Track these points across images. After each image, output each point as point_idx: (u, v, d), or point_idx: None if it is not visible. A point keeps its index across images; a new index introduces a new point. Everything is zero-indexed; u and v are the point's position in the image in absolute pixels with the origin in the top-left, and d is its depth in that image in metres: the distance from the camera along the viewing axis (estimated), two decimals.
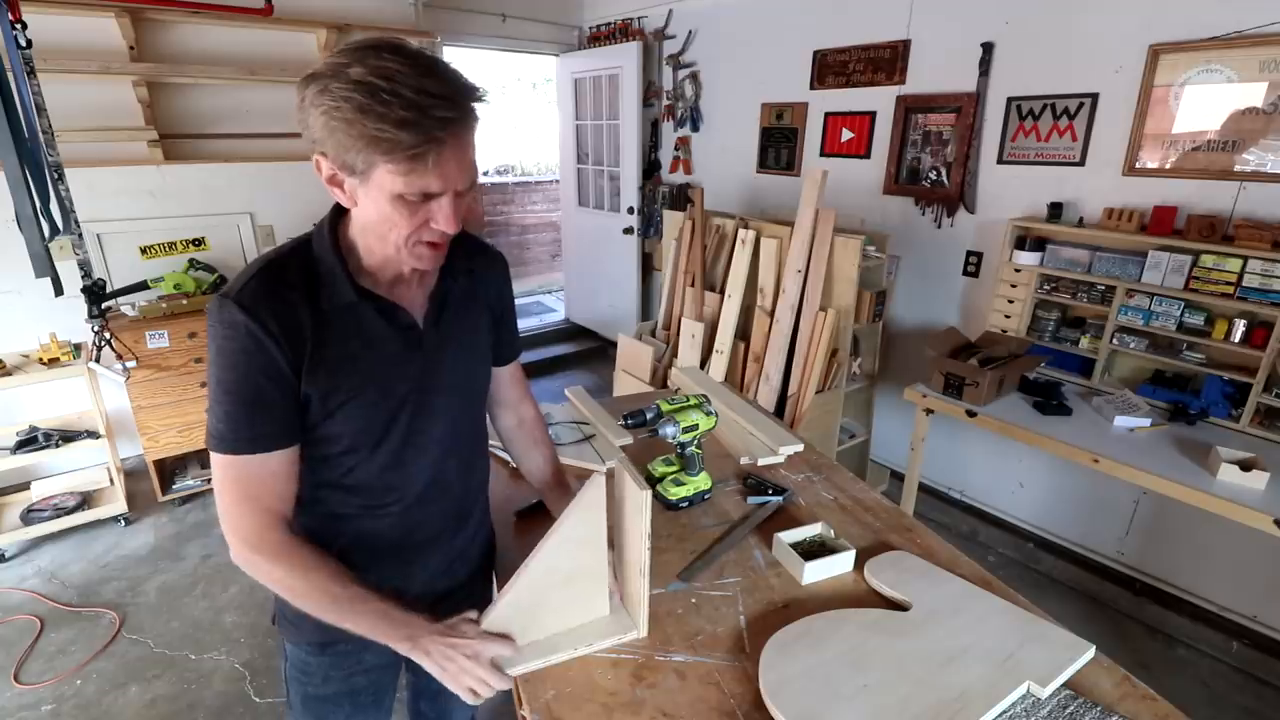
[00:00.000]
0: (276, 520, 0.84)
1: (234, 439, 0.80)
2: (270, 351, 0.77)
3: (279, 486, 0.84)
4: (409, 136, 0.68)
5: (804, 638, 0.97)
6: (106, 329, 2.51)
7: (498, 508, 1.35)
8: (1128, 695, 0.91)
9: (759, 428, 1.68)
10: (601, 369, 4.90)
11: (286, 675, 1.05)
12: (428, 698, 1.24)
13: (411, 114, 0.67)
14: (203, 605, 2.45)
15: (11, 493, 2.92)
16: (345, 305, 0.82)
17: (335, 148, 0.71)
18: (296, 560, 0.84)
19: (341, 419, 0.85)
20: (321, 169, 0.75)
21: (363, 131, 0.68)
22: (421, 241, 0.79)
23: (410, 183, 0.71)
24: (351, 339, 0.84)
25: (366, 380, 0.85)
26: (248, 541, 0.83)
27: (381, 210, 0.75)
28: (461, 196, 0.77)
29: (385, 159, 0.69)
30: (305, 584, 0.83)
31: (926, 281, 3.03)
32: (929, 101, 2.85)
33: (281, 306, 0.78)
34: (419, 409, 0.91)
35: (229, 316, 0.77)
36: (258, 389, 0.79)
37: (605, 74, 4.44)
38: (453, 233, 0.79)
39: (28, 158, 2.21)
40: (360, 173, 0.72)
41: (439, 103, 0.69)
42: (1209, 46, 2.08)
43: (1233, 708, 2.12)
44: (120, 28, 2.87)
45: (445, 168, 0.72)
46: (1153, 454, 2.04)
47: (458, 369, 0.95)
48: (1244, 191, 2.10)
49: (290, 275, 0.81)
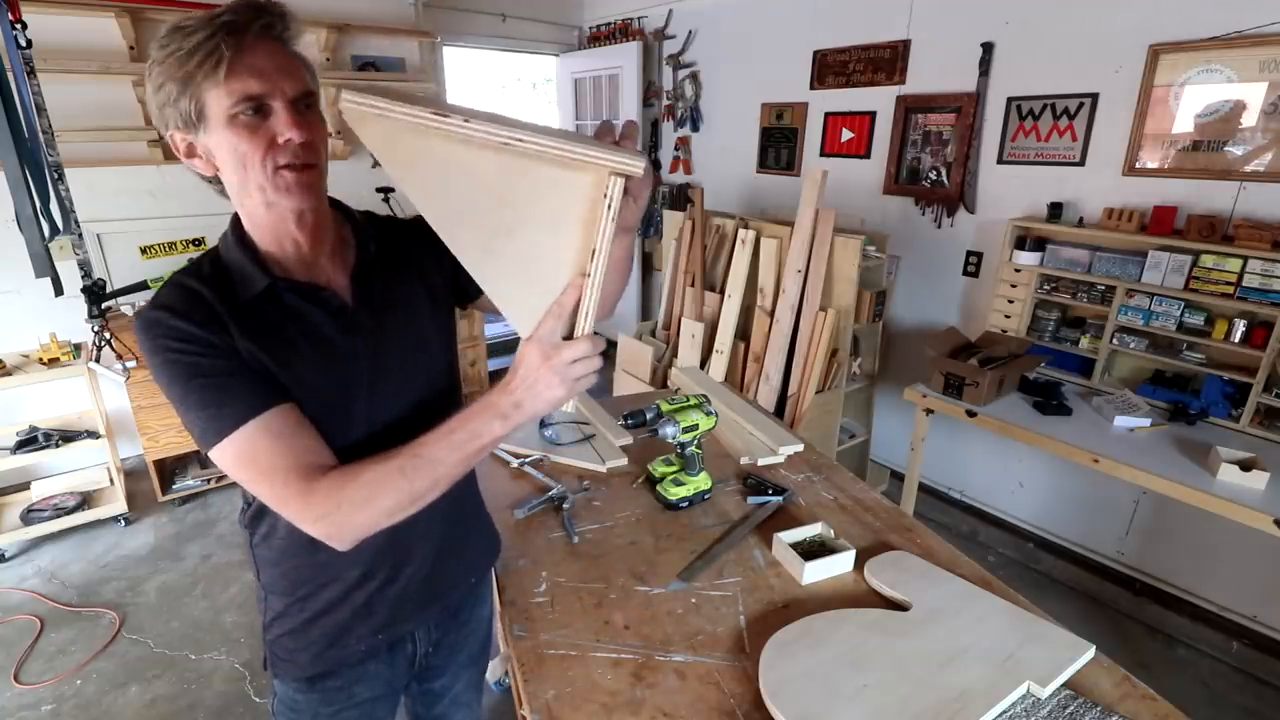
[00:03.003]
0: (318, 469, 0.77)
1: (227, 414, 0.74)
2: (203, 338, 0.74)
3: (304, 438, 0.77)
4: (208, 40, 0.69)
5: (804, 638, 0.97)
6: (106, 329, 2.52)
7: (498, 507, 1.35)
8: (1128, 695, 0.91)
9: (759, 428, 1.68)
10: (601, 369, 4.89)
11: (273, 710, 1.02)
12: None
13: (205, 24, 0.70)
14: (203, 605, 2.45)
15: (11, 493, 2.92)
16: (261, 293, 0.79)
17: (170, 107, 0.72)
18: (362, 464, 0.76)
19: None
20: (178, 146, 0.76)
21: (174, 65, 0.70)
22: (280, 167, 0.74)
23: (230, 89, 0.70)
24: (281, 326, 0.80)
25: (305, 364, 0.80)
26: (311, 503, 0.75)
27: (229, 145, 0.72)
28: (298, 105, 0.74)
29: (200, 74, 0.70)
30: (394, 468, 0.75)
31: (926, 281, 3.03)
32: (929, 101, 2.85)
33: (198, 305, 0.76)
34: (375, 393, 0.86)
35: (151, 320, 0.75)
36: (212, 365, 0.74)
37: (605, 74, 4.44)
38: (298, 137, 0.73)
39: (28, 158, 2.21)
40: (196, 118, 0.72)
41: (234, 10, 0.71)
42: (1209, 46, 2.08)
43: (1233, 708, 2.12)
44: (120, 28, 2.87)
45: (258, 64, 0.71)
46: (1153, 454, 2.04)
47: (405, 351, 0.90)
48: (1244, 191, 2.10)
49: (201, 278, 0.78)
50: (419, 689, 1.16)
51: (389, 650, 1.00)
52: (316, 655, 0.95)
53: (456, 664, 1.14)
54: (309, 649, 0.94)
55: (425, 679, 1.13)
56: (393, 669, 1.02)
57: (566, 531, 1.28)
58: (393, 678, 1.03)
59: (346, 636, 0.94)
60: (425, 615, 1.02)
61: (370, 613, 0.94)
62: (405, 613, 0.98)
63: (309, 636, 0.93)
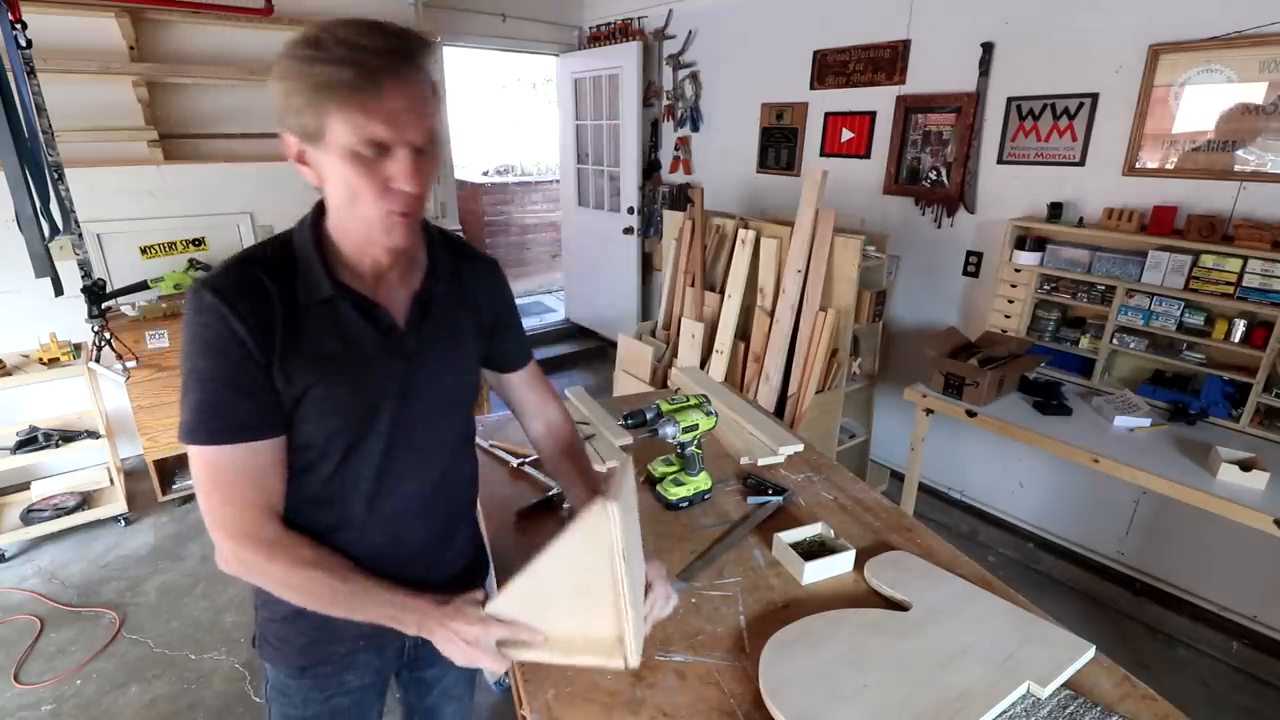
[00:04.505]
0: (267, 516, 0.80)
1: (216, 428, 0.76)
2: (244, 340, 0.75)
3: (267, 481, 0.80)
4: (347, 72, 0.68)
5: (804, 638, 0.97)
6: (106, 329, 2.51)
7: (498, 508, 1.35)
8: (1128, 695, 0.91)
9: (759, 428, 1.68)
10: (601, 369, 4.90)
11: (267, 696, 1.03)
12: (421, 715, 1.21)
13: (348, 52, 0.68)
14: (203, 605, 2.45)
15: (11, 493, 2.92)
16: (322, 300, 0.80)
17: (292, 115, 0.72)
18: (294, 556, 0.80)
19: (313, 421, 0.81)
20: (290, 148, 0.75)
21: (308, 82, 0.69)
22: (392, 212, 0.76)
23: (359, 128, 0.70)
24: (327, 336, 0.81)
25: (340, 380, 0.81)
26: (239, 541, 0.79)
27: (343, 175, 0.73)
28: (421, 155, 0.75)
29: (332, 103, 0.69)
30: (306, 581, 0.81)
31: (926, 281, 3.03)
32: (929, 101, 2.85)
33: (256, 297, 0.77)
34: (400, 417, 0.87)
35: (204, 303, 0.75)
36: (235, 377, 0.76)
37: (605, 74, 4.44)
38: (414, 190, 0.75)
39: (28, 158, 2.21)
40: (315, 135, 0.72)
41: (375, 40, 0.70)
42: (1209, 46, 2.08)
43: (1233, 708, 2.12)
44: (120, 28, 2.87)
45: (391, 107, 0.71)
46: (1153, 454, 2.04)
47: (443, 376, 0.92)
48: (1244, 191, 2.10)
49: (268, 267, 0.79)
50: (410, 677, 1.17)
51: (377, 643, 1.01)
52: (303, 647, 0.96)
53: None
54: (296, 640, 0.95)
55: (416, 667, 1.14)
56: (382, 659, 1.04)
57: None
58: (382, 666, 1.05)
59: (332, 635, 0.95)
60: None
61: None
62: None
63: (297, 627, 0.94)
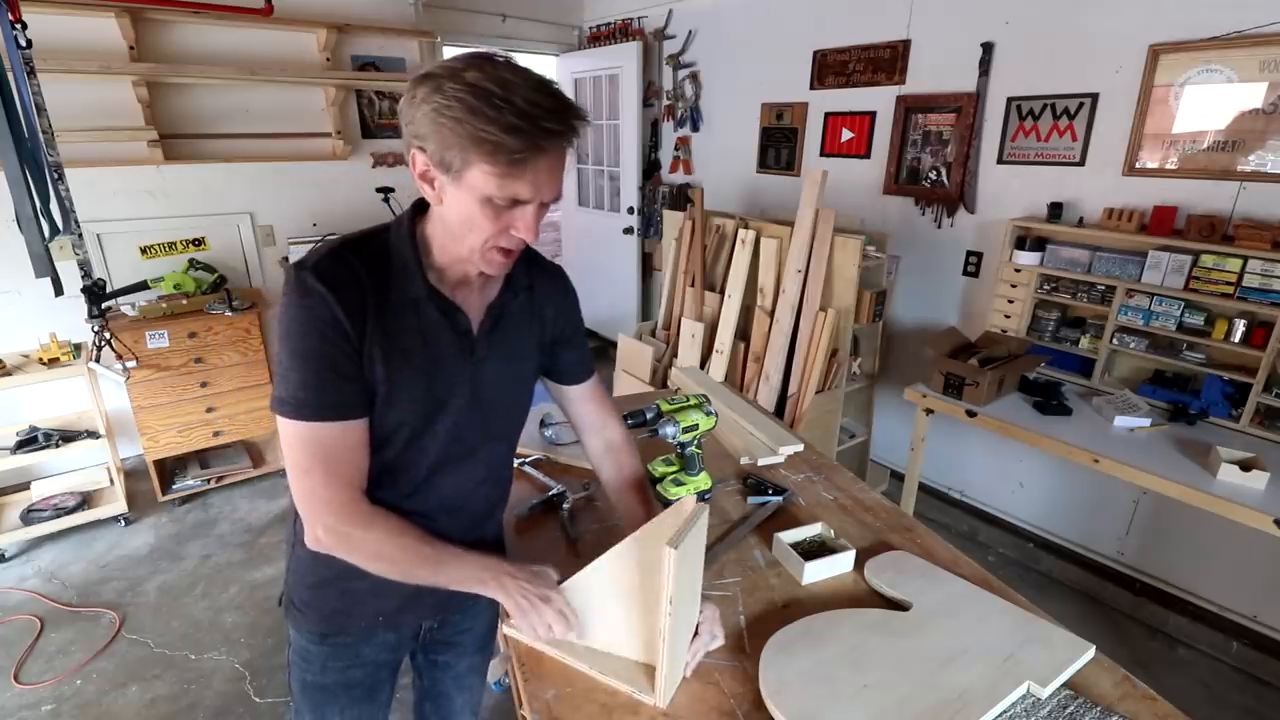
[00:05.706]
0: (361, 492, 0.85)
1: (318, 404, 0.79)
2: (342, 324, 0.79)
3: (358, 458, 0.84)
4: (514, 141, 0.70)
5: (804, 638, 0.97)
6: (106, 329, 2.51)
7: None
8: (1128, 695, 0.91)
9: (759, 428, 1.68)
10: (601, 369, 4.87)
11: (289, 659, 1.07)
12: (432, 699, 1.25)
13: (521, 121, 0.70)
14: (203, 605, 2.45)
15: (11, 493, 2.92)
16: (412, 299, 0.84)
17: (437, 144, 0.73)
18: (389, 526, 0.85)
19: (388, 410, 0.85)
20: (416, 163, 0.77)
21: (470, 132, 0.70)
22: (497, 247, 0.81)
23: (503, 186, 0.74)
24: (410, 333, 0.84)
25: (417, 375, 0.85)
26: (338, 515, 0.82)
27: (467, 211, 0.77)
28: (544, 208, 0.80)
29: (485, 161, 0.72)
30: (397, 550, 0.86)
31: (926, 281, 3.03)
32: (929, 101, 2.85)
33: (353, 286, 0.80)
34: (463, 419, 0.91)
35: (307, 284, 0.78)
36: (334, 358, 0.79)
37: (605, 74, 4.44)
38: (531, 241, 0.82)
39: (28, 158, 2.20)
40: (455, 171, 0.74)
41: (548, 115, 0.72)
42: (1209, 46, 2.08)
43: (1233, 708, 2.12)
44: (120, 28, 2.86)
45: (539, 177, 0.75)
46: (1153, 454, 2.04)
47: (503, 384, 0.96)
48: (1244, 191, 2.10)
49: (365, 259, 0.82)
50: (425, 659, 1.20)
51: (395, 623, 1.05)
52: (327, 615, 1.00)
53: (461, 643, 1.18)
54: (322, 607, 0.99)
55: (432, 650, 1.18)
56: (399, 638, 1.08)
57: (566, 532, 1.28)
58: (398, 644, 1.09)
59: (357, 607, 0.99)
60: (431, 612, 1.09)
61: (383, 595, 0.97)
62: (413, 608, 1.03)
63: (324, 596, 0.98)
